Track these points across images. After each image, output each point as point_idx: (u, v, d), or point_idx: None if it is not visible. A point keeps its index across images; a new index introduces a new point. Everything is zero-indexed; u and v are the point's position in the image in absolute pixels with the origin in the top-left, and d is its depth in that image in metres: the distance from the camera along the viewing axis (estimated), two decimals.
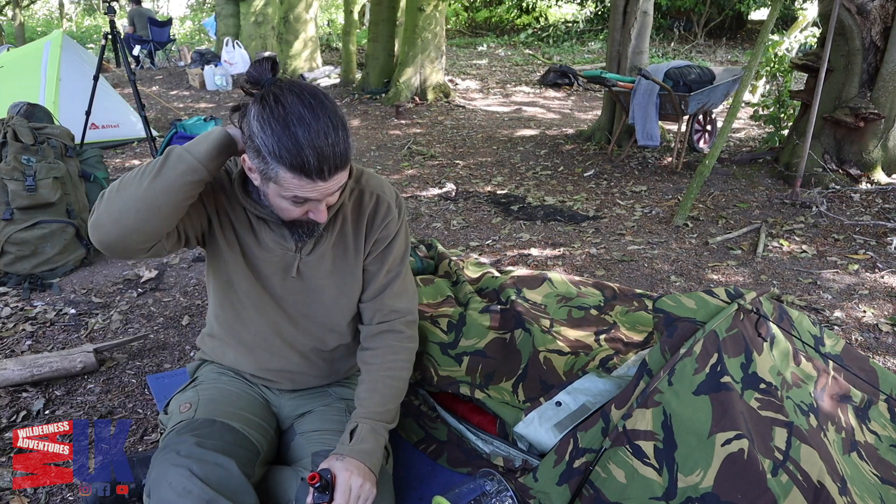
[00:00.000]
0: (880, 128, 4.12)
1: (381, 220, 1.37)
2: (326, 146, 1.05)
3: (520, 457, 1.49)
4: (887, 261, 3.08)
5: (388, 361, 1.38)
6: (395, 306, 1.42)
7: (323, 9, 16.41)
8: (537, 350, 1.72)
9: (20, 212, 2.78)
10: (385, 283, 1.41)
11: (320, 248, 1.34)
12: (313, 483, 1.13)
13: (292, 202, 1.14)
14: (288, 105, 1.05)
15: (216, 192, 1.28)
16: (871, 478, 1.44)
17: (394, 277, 1.42)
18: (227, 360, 1.47)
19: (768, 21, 3.81)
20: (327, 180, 1.09)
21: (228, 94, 8.45)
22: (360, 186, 1.36)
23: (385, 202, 1.37)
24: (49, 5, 21.62)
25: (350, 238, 1.36)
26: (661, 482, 1.29)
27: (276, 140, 1.05)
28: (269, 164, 1.08)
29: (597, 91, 8.64)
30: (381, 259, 1.40)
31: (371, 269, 1.40)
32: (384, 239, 1.39)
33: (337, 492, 1.16)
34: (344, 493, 1.15)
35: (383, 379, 1.36)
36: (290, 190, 1.11)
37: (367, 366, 1.39)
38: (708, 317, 1.51)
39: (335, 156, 1.07)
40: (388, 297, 1.41)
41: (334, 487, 1.16)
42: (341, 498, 1.15)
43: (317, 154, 1.05)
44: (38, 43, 5.66)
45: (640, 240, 3.44)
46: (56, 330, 2.44)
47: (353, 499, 1.16)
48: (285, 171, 1.07)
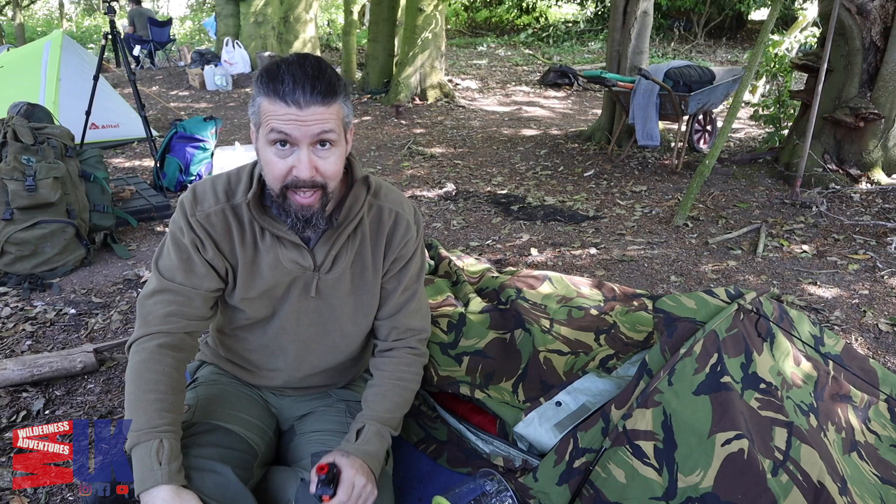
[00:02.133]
0: (880, 128, 4.12)
1: (400, 239, 1.35)
2: (303, 75, 1.08)
3: (520, 457, 1.49)
4: (887, 261, 3.08)
5: (400, 371, 1.38)
6: (410, 325, 1.41)
7: (323, 9, 16.41)
8: (537, 350, 1.72)
9: (20, 212, 2.77)
10: (402, 301, 1.40)
11: (339, 267, 1.31)
12: (321, 473, 1.14)
13: (276, 149, 1.11)
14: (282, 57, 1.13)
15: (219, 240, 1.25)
16: (871, 478, 1.44)
17: (410, 296, 1.41)
18: (227, 367, 1.47)
19: (768, 21, 3.81)
20: (302, 107, 1.07)
21: (228, 94, 8.45)
22: (379, 202, 1.34)
23: (404, 220, 1.35)
24: (49, 5, 21.62)
25: (369, 256, 1.34)
26: (661, 482, 1.29)
27: (262, 74, 1.10)
28: (256, 101, 1.12)
29: (597, 91, 8.65)
30: (399, 277, 1.39)
31: (388, 288, 1.39)
32: (402, 258, 1.37)
33: (341, 487, 1.16)
34: (347, 490, 1.16)
35: (394, 386, 1.36)
36: (268, 125, 1.10)
37: (379, 371, 1.39)
38: (708, 317, 1.51)
39: (313, 83, 1.08)
40: (405, 316, 1.40)
41: (338, 483, 1.16)
42: (343, 494, 1.15)
43: (293, 78, 1.07)
44: (38, 43, 5.65)
45: (640, 240, 3.44)
46: (56, 330, 2.44)
47: (354, 497, 1.16)
48: (264, 97, 1.10)
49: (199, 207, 1.23)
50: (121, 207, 3.54)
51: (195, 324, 1.26)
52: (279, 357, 1.39)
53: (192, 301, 1.23)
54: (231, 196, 1.25)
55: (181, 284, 1.23)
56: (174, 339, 1.22)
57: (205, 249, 1.24)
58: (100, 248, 3.17)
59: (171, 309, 1.22)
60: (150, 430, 1.12)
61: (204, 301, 1.25)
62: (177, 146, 4.19)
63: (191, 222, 1.23)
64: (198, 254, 1.24)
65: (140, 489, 1.08)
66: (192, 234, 1.23)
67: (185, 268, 1.24)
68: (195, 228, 1.23)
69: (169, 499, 1.06)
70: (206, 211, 1.23)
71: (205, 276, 1.24)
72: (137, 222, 3.54)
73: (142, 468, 1.09)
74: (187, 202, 1.24)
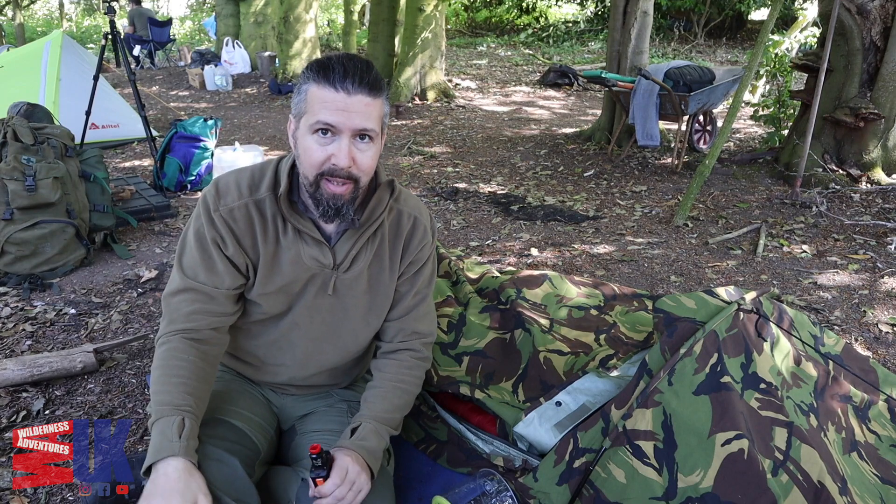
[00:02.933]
0: (880, 128, 4.12)
1: (417, 244, 1.37)
2: (354, 66, 1.13)
3: (520, 457, 1.49)
4: (887, 261, 3.08)
5: (401, 374, 1.39)
6: (417, 328, 1.42)
7: (323, 9, 16.41)
8: (537, 350, 1.72)
9: (20, 212, 2.77)
10: (412, 305, 1.41)
11: (358, 266, 1.32)
12: (313, 453, 1.13)
13: (318, 136, 1.14)
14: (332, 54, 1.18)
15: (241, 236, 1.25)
16: (871, 478, 1.44)
17: (420, 300, 1.42)
18: (231, 364, 1.47)
19: (768, 21, 3.81)
20: (350, 94, 1.11)
21: (228, 94, 8.45)
22: (399, 206, 1.36)
23: (422, 225, 1.38)
24: (49, 5, 21.63)
25: (386, 258, 1.36)
26: (661, 482, 1.29)
27: (314, 65, 1.15)
28: (302, 90, 1.16)
29: (597, 91, 8.65)
30: (412, 281, 1.40)
31: (401, 291, 1.40)
32: (417, 262, 1.39)
33: (334, 471, 1.16)
34: (340, 473, 1.15)
35: (394, 388, 1.36)
36: (314, 112, 1.13)
37: (381, 373, 1.39)
38: (708, 317, 1.51)
39: (362, 75, 1.12)
40: (413, 319, 1.41)
41: (332, 468, 1.16)
42: (336, 476, 1.15)
43: (343, 67, 1.12)
44: (38, 43, 5.65)
45: (640, 240, 3.44)
46: (56, 330, 2.44)
47: (347, 482, 1.16)
48: (312, 83, 1.14)
49: (222, 202, 1.24)
50: (121, 207, 3.54)
51: (220, 320, 1.27)
52: (287, 353, 1.39)
53: (215, 299, 1.25)
54: (255, 191, 1.26)
55: (203, 283, 1.24)
56: (200, 334, 1.24)
57: (226, 246, 1.24)
58: (100, 248, 3.17)
59: (195, 307, 1.24)
60: (173, 406, 1.14)
61: (227, 298, 1.26)
62: (177, 146, 4.19)
63: (213, 217, 1.24)
64: (219, 251, 1.24)
65: (154, 458, 1.08)
66: (214, 230, 1.24)
67: (207, 266, 1.25)
68: (217, 223, 1.24)
69: (182, 470, 1.06)
70: (230, 205, 1.24)
71: (226, 274, 1.25)
72: (137, 222, 3.54)
73: (161, 438, 1.10)
74: (210, 197, 1.25)
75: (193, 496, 1.05)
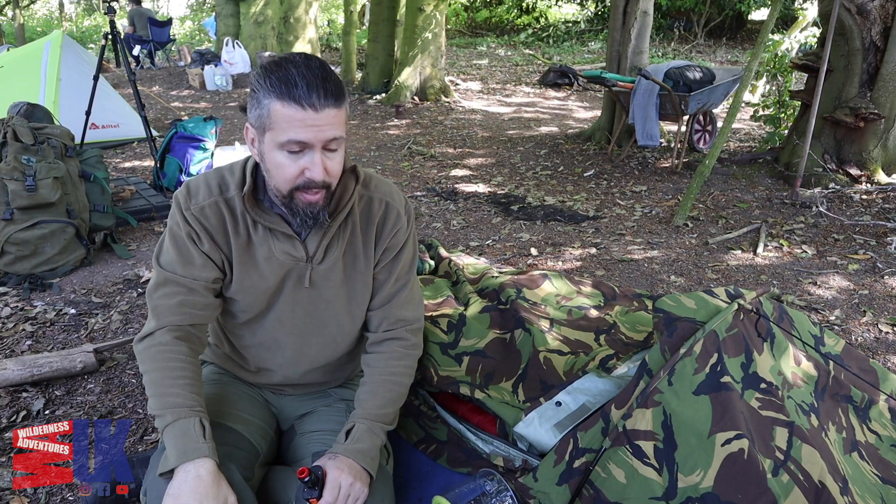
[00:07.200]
0: (880, 128, 4.12)
1: (390, 229, 1.35)
2: (316, 78, 1.08)
3: (520, 457, 1.49)
4: (887, 261, 3.08)
5: (391, 366, 1.38)
6: (402, 315, 1.41)
7: (323, 9, 16.41)
8: (537, 350, 1.72)
9: (20, 212, 2.77)
10: (393, 291, 1.40)
11: (331, 258, 1.31)
12: (302, 477, 1.13)
13: (288, 152, 1.12)
14: (285, 57, 1.12)
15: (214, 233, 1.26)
16: (871, 478, 1.44)
17: (402, 286, 1.41)
18: (228, 367, 1.47)
19: (768, 21, 3.81)
20: (318, 110, 1.08)
21: (228, 94, 8.45)
22: (370, 193, 1.34)
23: (394, 209, 1.35)
24: (49, 5, 21.62)
25: (360, 246, 1.34)
26: (661, 482, 1.29)
27: (270, 75, 1.09)
28: (263, 104, 1.10)
29: (597, 91, 8.65)
30: (390, 268, 1.38)
31: (380, 278, 1.39)
32: (393, 247, 1.37)
33: (326, 489, 1.15)
34: (332, 491, 1.15)
35: (384, 382, 1.36)
36: (283, 130, 1.10)
37: (370, 368, 1.39)
38: (708, 317, 1.51)
39: (326, 87, 1.08)
40: (396, 307, 1.40)
41: (324, 485, 1.16)
42: (329, 496, 1.15)
43: (306, 82, 1.08)
44: (38, 43, 5.65)
45: (640, 240, 3.44)
46: (56, 330, 2.44)
47: (342, 497, 1.15)
48: (276, 101, 1.09)
49: (192, 201, 1.25)
50: (121, 207, 3.54)
51: (201, 314, 1.27)
52: (276, 353, 1.39)
53: (195, 291, 1.25)
54: (225, 189, 1.26)
55: (182, 276, 1.25)
56: (183, 331, 1.25)
57: (201, 242, 1.25)
58: (100, 248, 3.17)
59: (178, 300, 1.24)
60: (188, 408, 1.15)
61: (206, 290, 1.27)
62: (177, 146, 4.18)
63: (185, 216, 1.24)
64: (194, 246, 1.25)
65: (181, 460, 1.09)
66: (188, 227, 1.25)
67: (184, 260, 1.25)
68: (190, 221, 1.24)
69: (213, 472, 1.09)
70: (200, 204, 1.24)
71: (203, 267, 1.25)
72: (137, 222, 3.54)
73: (185, 440, 1.11)
74: (182, 197, 1.26)
75: (224, 497, 1.08)
